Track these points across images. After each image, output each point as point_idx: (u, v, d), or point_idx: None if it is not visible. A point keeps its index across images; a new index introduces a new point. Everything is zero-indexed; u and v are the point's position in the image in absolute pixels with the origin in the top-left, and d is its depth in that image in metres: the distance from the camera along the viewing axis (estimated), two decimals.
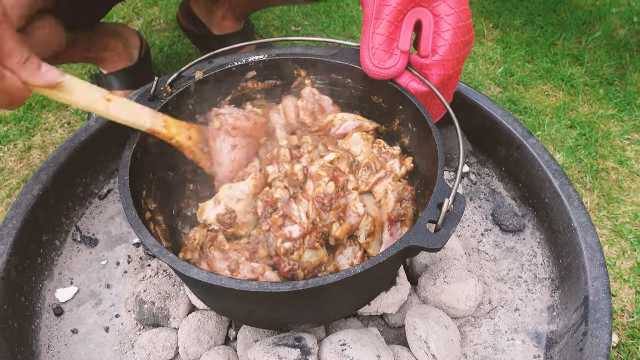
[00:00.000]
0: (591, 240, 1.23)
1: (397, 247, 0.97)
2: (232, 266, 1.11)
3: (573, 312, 1.20)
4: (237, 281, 0.93)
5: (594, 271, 1.18)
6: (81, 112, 2.28)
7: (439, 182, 1.06)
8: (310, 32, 2.70)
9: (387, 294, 1.25)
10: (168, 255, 0.97)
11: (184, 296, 1.32)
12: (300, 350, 1.14)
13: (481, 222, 1.51)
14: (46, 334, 1.31)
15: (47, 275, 1.40)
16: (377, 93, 1.33)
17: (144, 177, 1.20)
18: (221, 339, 1.29)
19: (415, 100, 1.24)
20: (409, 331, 1.22)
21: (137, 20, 2.77)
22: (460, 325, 1.30)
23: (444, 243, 0.97)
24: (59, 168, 1.42)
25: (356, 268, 0.95)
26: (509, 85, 2.40)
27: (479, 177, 1.61)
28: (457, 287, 1.26)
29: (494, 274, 1.39)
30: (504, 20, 2.72)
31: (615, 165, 2.06)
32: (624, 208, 1.90)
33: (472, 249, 1.44)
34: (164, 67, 2.50)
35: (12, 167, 2.09)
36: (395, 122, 1.34)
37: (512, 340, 1.27)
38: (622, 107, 2.26)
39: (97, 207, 1.56)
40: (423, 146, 1.22)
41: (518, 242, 1.46)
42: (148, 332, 1.28)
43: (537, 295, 1.34)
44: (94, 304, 1.38)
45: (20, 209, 1.33)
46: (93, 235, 1.50)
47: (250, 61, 1.35)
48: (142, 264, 1.44)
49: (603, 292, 1.15)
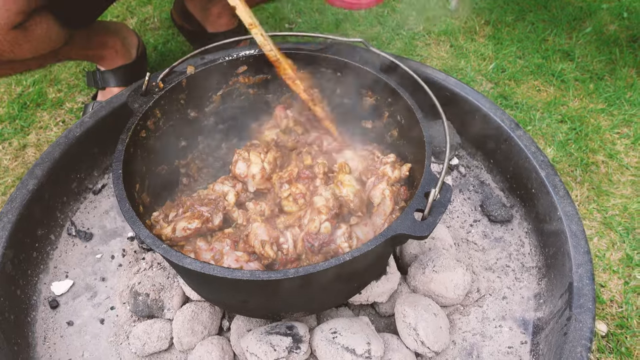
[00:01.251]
0: (575, 228, 1.25)
1: (385, 235, 1.00)
2: (216, 256, 1.13)
3: (558, 298, 1.22)
4: (229, 270, 0.95)
5: (578, 258, 1.21)
6: (76, 110, 2.30)
7: (426, 172, 1.09)
8: (304, 30, 2.72)
9: (378, 283, 1.27)
10: (162, 246, 0.99)
11: (178, 288, 1.34)
12: (292, 339, 1.16)
13: (470, 213, 1.53)
14: (42, 326, 1.33)
15: (43, 268, 1.42)
16: (366, 86, 1.36)
17: (137, 172, 1.22)
18: (215, 329, 1.31)
19: (404, 93, 1.26)
20: (398, 319, 1.24)
21: (131, 18, 2.78)
22: (450, 314, 1.32)
23: (430, 231, 1.00)
24: (54, 163, 1.44)
25: (345, 256, 0.97)
26: (500, 81, 2.43)
27: (468, 169, 1.64)
28: (445, 276, 1.28)
29: (482, 263, 1.42)
30: (495, 16, 2.74)
31: (605, 159, 2.08)
32: (613, 201, 1.93)
33: (461, 240, 1.47)
34: (158, 65, 2.52)
35: (7, 165, 2.11)
36: (385, 115, 1.36)
37: (499, 327, 1.29)
38: (612, 102, 2.28)
39: (92, 202, 1.58)
40: (412, 137, 1.25)
41: (506, 232, 1.48)
42: (143, 324, 1.30)
43: (524, 284, 1.37)
44: (89, 296, 1.40)
45: (16, 203, 1.35)
46: (88, 230, 1.52)
47: (241, 56, 1.38)
48: (136, 257, 1.46)
49: (587, 278, 1.17)
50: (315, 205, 1.20)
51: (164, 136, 1.32)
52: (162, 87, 1.29)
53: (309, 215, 1.19)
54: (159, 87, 1.28)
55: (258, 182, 1.29)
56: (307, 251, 1.15)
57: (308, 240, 1.15)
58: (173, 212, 1.21)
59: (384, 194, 1.23)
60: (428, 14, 2.78)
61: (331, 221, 1.17)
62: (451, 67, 2.50)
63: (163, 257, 1.09)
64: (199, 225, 1.15)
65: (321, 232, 1.15)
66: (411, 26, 2.73)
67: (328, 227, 1.16)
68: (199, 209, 1.18)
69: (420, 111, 1.21)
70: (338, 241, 1.17)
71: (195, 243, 1.15)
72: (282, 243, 1.16)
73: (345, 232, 1.18)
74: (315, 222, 1.16)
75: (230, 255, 1.11)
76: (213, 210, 1.19)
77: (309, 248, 1.15)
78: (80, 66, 2.49)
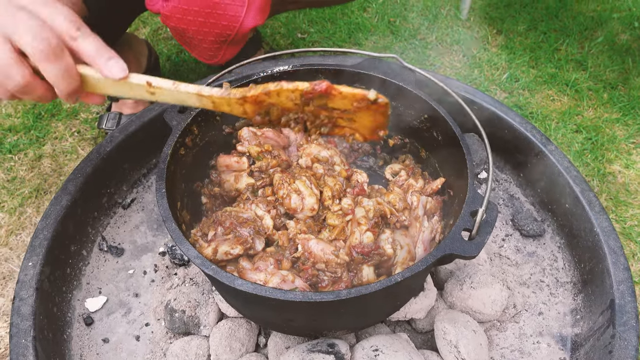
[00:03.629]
0: (614, 244, 1.26)
1: (435, 255, 1.00)
2: (267, 277, 1.13)
3: (599, 315, 1.23)
4: (281, 292, 0.96)
5: (619, 275, 1.22)
6: (90, 120, 2.29)
7: (470, 191, 1.09)
8: (317, 40, 2.72)
9: (416, 299, 1.27)
10: (211, 267, 1.00)
11: (213, 304, 1.34)
12: (334, 356, 1.16)
13: (501, 228, 1.54)
14: (77, 343, 1.33)
15: (76, 285, 1.42)
16: (401, 101, 1.36)
17: (178, 189, 1.22)
18: (252, 346, 1.31)
19: (440, 109, 1.26)
20: (438, 336, 1.24)
21: (143, 28, 2.78)
22: (487, 330, 1.32)
23: (479, 251, 1.01)
24: (86, 179, 1.43)
25: (396, 277, 0.98)
26: (514, 91, 2.44)
27: (497, 183, 1.65)
28: (483, 292, 1.29)
29: (516, 278, 1.42)
30: (507, 26, 2.76)
31: (621, 169, 2.10)
32: (631, 211, 1.94)
33: (494, 254, 1.47)
34: (172, 75, 2.51)
35: (23, 176, 2.10)
36: (421, 131, 1.36)
37: (537, 343, 1.30)
38: (627, 112, 2.30)
39: (122, 216, 1.58)
40: (448, 154, 1.25)
41: (539, 247, 1.49)
42: (180, 341, 1.30)
43: (559, 299, 1.38)
44: (123, 313, 1.39)
45: (50, 219, 1.34)
46: (119, 245, 1.51)
47: (275, 72, 1.38)
48: (168, 273, 1.46)
49: (629, 295, 1.18)
50: (355, 216, 1.21)
51: (200, 152, 1.32)
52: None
53: (350, 228, 1.20)
54: None
55: (312, 211, 1.27)
56: (356, 260, 1.16)
57: (355, 249, 1.15)
58: (212, 230, 1.21)
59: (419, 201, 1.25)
60: (440, 23, 2.79)
61: (372, 230, 1.17)
62: (465, 76, 2.51)
63: (209, 276, 1.09)
64: (241, 252, 1.15)
65: (364, 242, 1.16)
66: (424, 35, 2.75)
67: (370, 236, 1.17)
68: (240, 231, 1.18)
69: (459, 128, 1.22)
70: (382, 244, 1.18)
71: (238, 262, 1.15)
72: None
73: (389, 236, 1.19)
74: (356, 233, 1.17)
75: (276, 275, 1.11)
76: (254, 234, 1.18)
77: (357, 258, 1.15)
78: None
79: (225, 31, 1.51)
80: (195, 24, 1.50)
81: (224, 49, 1.58)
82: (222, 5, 1.47)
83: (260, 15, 1.51)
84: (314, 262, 1.14)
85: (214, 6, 1.47)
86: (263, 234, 1.20)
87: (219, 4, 1.47)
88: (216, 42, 1.55)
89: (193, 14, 1.48)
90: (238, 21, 1.50)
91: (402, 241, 1.20)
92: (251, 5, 1.49)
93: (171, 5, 1.47)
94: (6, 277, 1.72)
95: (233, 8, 1.48)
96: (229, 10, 1.48)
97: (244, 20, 1.50)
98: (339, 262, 1.14)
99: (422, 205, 1.25)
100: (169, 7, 1.47)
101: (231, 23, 1.50)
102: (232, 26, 1.50)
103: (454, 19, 2.81)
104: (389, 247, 1.17)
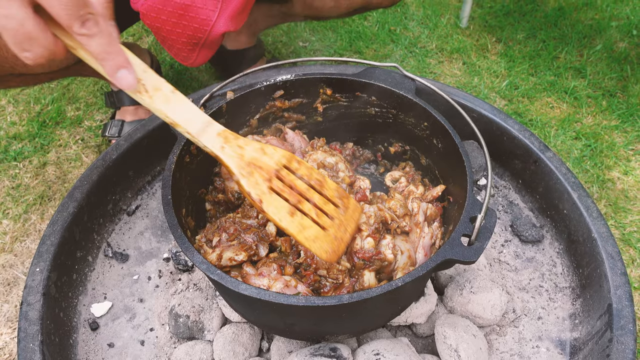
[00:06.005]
0: (611, 249, 1.28)
1: (435, 260, 1.03)
2: (270, 282, 1.15)
3: (597, 319, 1.25)
4: (285, 296, 0.98)
5: (616, 280, 1.24)
6: (95, 128, 2.32)
7: (470, 197, 1.12)
8: (318, 48, 2.75)
9: (417, 304, 1.29)
10: (217, 272, 1.02)
11: (217, 309, 1.36)
12: None
13: (501, 233, 1.56)
14: (83, 348, 1.35)
15: (82, 290, 1.44)
16: (401, 109, 1.38)
17: (183, 196, 1.24)
18: (255, 350, 1.32)
19: (440, 117, 1.29)
20: (439, 340, 1.26)
21: (147, 37, 2.81)
22: (486, 334, 1.34)
23: (478, 256, 1.03)
24: (92, 186, 1.46)
25: (397, 282, 1.00)
26: (514, 98, 2.47)
27: (496, 189, 1.67)
28: (483, 296, 1.31)
29: (515, 283, 1.44)
30: (506, 34, 2.79)
31: (620, 175, 2.12)
32: (631, 217, 1.96)
33: (493, 260, 1.49)
34: (175, 84, 2.53)
35: (27, 183, 2.12)
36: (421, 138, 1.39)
37: (537, 347, 1.32)
38: (625, 119, 2.33)
39: (126, 223, 1.60)
40: (448, 161, 1.28)
41: (537, 253, 1.51)
42: (184, 345, 1.32)
43: (558, 304, 1.40)
44: (128, 318, 1.41)
45: (57, 226, 1.36)
46: (124, 251, 1.54)
47: (278, 81, 1.40)
48: (172, 279, 1.48)
49: (626, 299, 1.20)
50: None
51: (205, 160, 1.34)
52: (203, 111, 1.31)
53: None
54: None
55: None
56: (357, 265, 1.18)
57: (357, 255, 1.17)
58: (216, 236, 1.23)
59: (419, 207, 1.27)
60: (440, 31, 2.82)
61: (373, 236, 1.19)
62: (464, 84, 2.54)
63: (214, 281, 1.11)
64: (245, 258, 1.17)
65: (365, 247, 1.18)
66: (424, 44, 2.78)
67: (371, 242, 1.19)
68: (244, 237, 1.20)
69: (458, 136, 1.25)
70: (383, 249, 1.20)
71: (242, 268, 1.17)
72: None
73: (390, 242, 1.21)
74: (357, 239, 1.19)
75: (280, 280, 1.13)
76: (258, 241, 1.20)
77: (359, 263, 1.17)
78: (97, 84, 2.51)
79: (196, 34, 1.54)
80: (169, 24, 1.53)
81: (197, 52, 1.61)
82: (194, 8, 1.50)
83: (232, 22, 1.54)
84: (316, 268, 1.16)
85: (186, 8, 1.50)
86: (267, 240, 1.22)
87: (191, 7, 1.50)
88: (189, 44, 1.58)
89: (166, 14, 1.51)
90: (209, 25, 1.53)
91: (402, 247, 1.22)
92: (223, 12, 1.51)
93: (147, 4, 1.50)
94: (11, 284, 1.74)
95: (205, 12, 1.51)
96: (200, 13, 1.51)
97: (215, 25, 1.53)
98: (340, 269, 1.16)
99: (423, 212, 1.27)
100: (146, 5, 1.50)
101: (202, 26, 1.53)
102: (203, 29, 1.53)
103: (453, 28, 2.84)
104: (389, 253, 1.19)
